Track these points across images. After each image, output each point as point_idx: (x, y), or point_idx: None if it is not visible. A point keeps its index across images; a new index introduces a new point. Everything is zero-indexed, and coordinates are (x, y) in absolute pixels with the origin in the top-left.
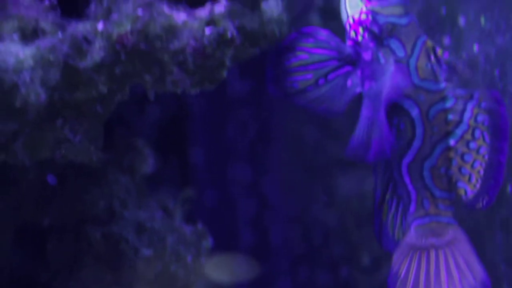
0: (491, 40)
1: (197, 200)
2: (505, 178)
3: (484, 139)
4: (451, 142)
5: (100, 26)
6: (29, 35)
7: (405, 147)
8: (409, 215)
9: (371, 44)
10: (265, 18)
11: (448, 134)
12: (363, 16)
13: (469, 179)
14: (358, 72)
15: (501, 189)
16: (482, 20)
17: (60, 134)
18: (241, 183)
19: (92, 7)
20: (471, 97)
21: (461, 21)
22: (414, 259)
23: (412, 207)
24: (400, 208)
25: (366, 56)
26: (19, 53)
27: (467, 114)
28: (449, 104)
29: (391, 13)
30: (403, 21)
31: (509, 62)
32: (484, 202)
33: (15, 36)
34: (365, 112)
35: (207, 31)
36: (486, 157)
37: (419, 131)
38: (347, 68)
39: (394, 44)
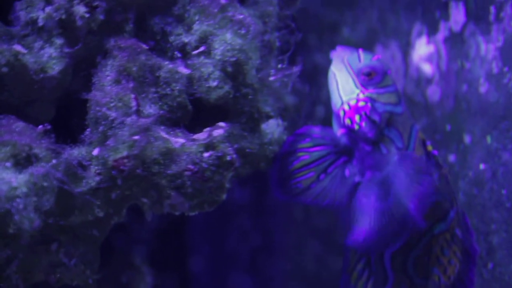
0: (498, 159)
1: None
2: None
3: (459, 249)
4: (436, 231)
5: (95, 151)
6: (22, 161)
7: (392, 237)
8: None
9: (369, 134)
10: (265, 139)
11: (433, 225)
12: (362, 103)
13: (445, 271)
14: (355, 162)
15: None
16: (488, 138)
17: (55, 258)
18: None
19: (87, 132)
20: (454, 205)
21: (466, 138)
22: None
23: None
24: (370, 281)
25: (366, 146)
26: (12, 180)
27: (451, 215)
28: (438, 197)
29: (388, 101)
30: (399, 109)
31: None
32: None
33: (8, 164)
34: (367, 201)
35: (206, 154)
36: (461, 265)
37: (410, 224)
38: (344, 159)
39: (393, 134)
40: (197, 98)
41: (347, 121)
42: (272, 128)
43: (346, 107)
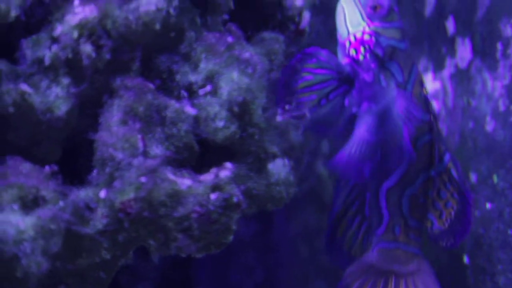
0: (504, 198)
1: None
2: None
3: (456, 189)
4: (432, 173)
5: (102, 193)
6: (29, 203)
7: (388, 171)
8: (375, 237)
9: (372, 65)
10: (272, 180)
11: (431, 165)
12: (367, 37)
13: (440, 215)
14: (354, 92)
15: None
16: (495, 177)
17: None
18: None
19: (94, 173)
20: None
21: (472, 177)
22: (369, 279)
23: (380, 230)
24: (363, 227)
25: (367, 77)
26: (20, 223)
27: (447, 157)
28: (434, 137)
29: (392, 36)
30: (402, 45)
31: None
32: (449, 243)
33: (15, 206)
34: (359, 132)
35: (213, 196)
36: (458, 206)
37: (405, 157)
38: (345, 87)
39: (394, 68)
40: (204, 138)
41: (352, 52)
42: (279, 168)
43: (352, 39)
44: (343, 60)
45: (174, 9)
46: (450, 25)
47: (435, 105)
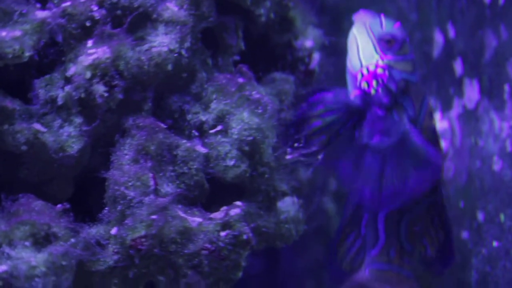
0: (511, 237)
1: None
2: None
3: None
4: (430, 200)
5: (114, 230)
6: (41, 240)
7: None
8: (368, 256)
9: (384, 100)
10: (281, 218)
11: (430, 194)
12: (380, 70)
13: (432, 243)
14: (365, 124)
15: None
16: (502, 216)
17: None
18: None
19: (106, 211)
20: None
21: (480, 216)
22: None
23: (374, 251)
24: (357, 244)
25: (379, 111)
26: (31, 259)
27: (440, 188)
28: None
29: (404, 68)
30: (414, 78)
31: None
32: (437, 271)
33: (28, 243)
34: (373, 163)
35: (223, 233)
36: (443, 236)
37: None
38: (355, 119)
39: (406, 102)
40: (214, 177)
41: (364, 85)
42: (288, 206)
43: (364, 71)
44: (353, 92)
45: (186, 51)
46: (458, 67)
47: (443, 143)
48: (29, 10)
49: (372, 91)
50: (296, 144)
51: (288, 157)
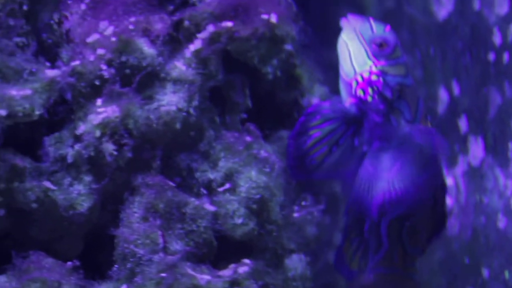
0: None
1: None
2: None
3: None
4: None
5: None
6: None
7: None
8: (372, 260)
9: (381, 107)
10: (289, 275)
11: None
12: (374, 77)
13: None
14: (364, 131)
15: None
16: (507, 274)
17: None
18: None
19: (115, 268)
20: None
21: (485, 272)
22: None
23: (379, 256)
24: (361, 247)
25: (377, 118)
26: None
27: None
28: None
29: (398, 72)
30: (408, 81)
31: None
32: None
33: None
34: (370, 169)
35: None
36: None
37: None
38: (353, 128)
39: (402, 106)
40: (222, 234)
41: (360, 92)
42: (295, 263)
43: (359, 79)
44: (348, 100)
45: (194, 109)
46: (463, 124)
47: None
48: (39, 68)
49: (369, 98)
50: (303, 203)
51: (295, 215)
